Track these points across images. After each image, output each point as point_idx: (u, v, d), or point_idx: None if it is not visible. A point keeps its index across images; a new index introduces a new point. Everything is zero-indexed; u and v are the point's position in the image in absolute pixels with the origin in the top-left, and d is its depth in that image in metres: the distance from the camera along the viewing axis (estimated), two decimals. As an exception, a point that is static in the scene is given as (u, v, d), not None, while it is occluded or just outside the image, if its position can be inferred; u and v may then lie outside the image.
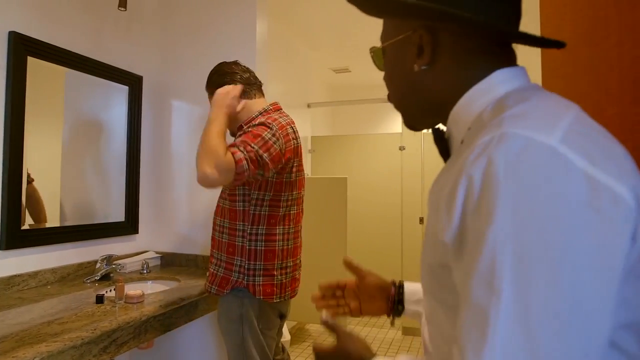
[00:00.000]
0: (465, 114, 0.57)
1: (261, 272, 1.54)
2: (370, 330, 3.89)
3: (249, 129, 1.48)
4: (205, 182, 1.35)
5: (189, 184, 2.32)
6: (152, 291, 1.75)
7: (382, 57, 0.68)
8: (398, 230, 3.92)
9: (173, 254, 2.30)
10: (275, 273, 1.56)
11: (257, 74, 2.22)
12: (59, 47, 1.84)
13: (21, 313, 1.41)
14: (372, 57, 0.71)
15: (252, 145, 1.41)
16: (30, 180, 1.75)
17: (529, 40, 0.57)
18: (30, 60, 1.73)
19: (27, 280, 1.72)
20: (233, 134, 1.67)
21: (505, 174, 0.42)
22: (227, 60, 2.18)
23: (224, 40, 2.26)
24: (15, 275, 1.68)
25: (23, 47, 1.70)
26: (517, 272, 0.40)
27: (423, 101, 0.63)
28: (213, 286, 1.59)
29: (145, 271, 2.06)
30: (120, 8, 1.92)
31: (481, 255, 0.42)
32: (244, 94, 1.62)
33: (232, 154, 1.36)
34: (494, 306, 0.40)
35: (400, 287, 0.87)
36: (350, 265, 0.92)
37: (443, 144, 0.63)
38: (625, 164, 0.45)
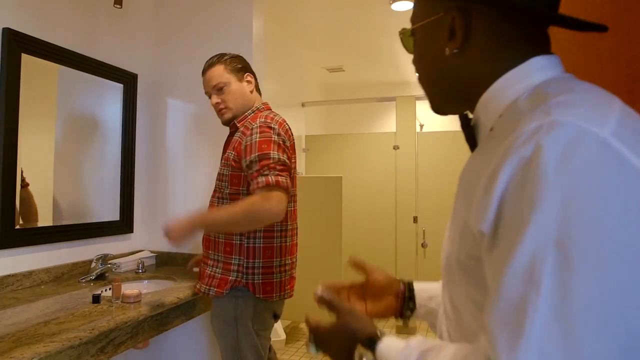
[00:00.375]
0: (497, 100, 0.55)
1: (260, 270, 1.54)
2: (365, 328, 3.90)
3: (253, 139, 1.48)
4: (279, 216, 1.40)
5: (184, 183, 2.32)
6: (148, 291, 1.75)
7: (412, 39, 0.66)
8: (392, 229, 3.94)
9: (168, 253, 2.29)
10: (274, 271, 1.56)
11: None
12: (53, 44, 1.83)
13: (17, 313, 1.40)
14: (401, 39, 0.68)
15: (271, 157, 1.44)
16: (24, 185, 1.73)
17: (569, 23, 0.55)
18: (24, 57, 1.72)
19: (21, 280, 1.71)
20: (230, 121, 1.65)
21: (556, 163, 0.40)
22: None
23: (219, 38, 2.26)
24: (9, 275, 1.67)
25: (17, 44, 1.68)
26: (560, 267, 0.39)
27: (453, 86, 0.61)
28: (212, 288, 1.56)
29: (140, 270, 2.06)
30: (116, 5, 1.91)
31: (522, 244, 0.40)
32: (256, 87, 1.69)
33: (265, 184, 1.39)
34: (533, 300, 0.39)
35: (409, 284, 0.81)
36: (355, 263, 0.85)
37: (469, 130, 0.60)
38: None
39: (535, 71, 0.54)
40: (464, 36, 0.57)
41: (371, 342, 0.58)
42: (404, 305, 0.79)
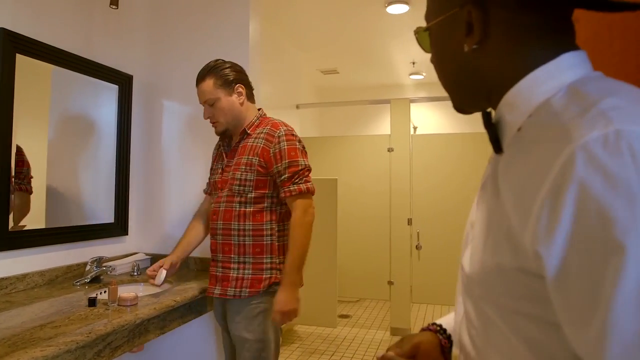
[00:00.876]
0: (525, 99, 0.52)
1: (282, 264, 1.66)
2: (359, 331, 3.90)
3: (281, 146, 1.63)
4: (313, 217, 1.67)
5: (179, 185, 2.30)
6: (144, 293, 1.72)
7: (428, 38, 0.63)
8: (386, 231, 3.95)
9: (163, 255, 2.26)
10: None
11: (249, 75, 2.23)
12: (48, 45, 1.80)
13: (12, 317, 1.38)
14: (417, 38, 0.65)
15: (300, 164, 1.64)
16: (28, 190, 1.72)
17: (598, 4, 0.52)
18: (18, 57, 1.69)
19: (15, 284, 1.68)
20: (223, 132, 1.74)
21: (639, 177, 0.38)
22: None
23: (216, 40, 2.25)
24: (3, 278, 1.63)
25: (11, 44, 1.66)
26: None
27: (474, 84, 0.58)
28: (243, 289, 1.62)
29: (135, 273, 2.03)
30: (112, 6, 1.89)
31: (625, 274, 0.37)
32: (248, 97, 1.75)
33: (299, 192, 1.62)
34: None
35: (444, 330, 0.76)
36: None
37: (493, 129, 0.56)
38: None
39: (566, 69, 0.51)
40: (483, 31, 0.54)
41: None
42: (449, 353, 0.76)
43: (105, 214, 2.13)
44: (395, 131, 3.98)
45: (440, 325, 0.76)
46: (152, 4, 2.38)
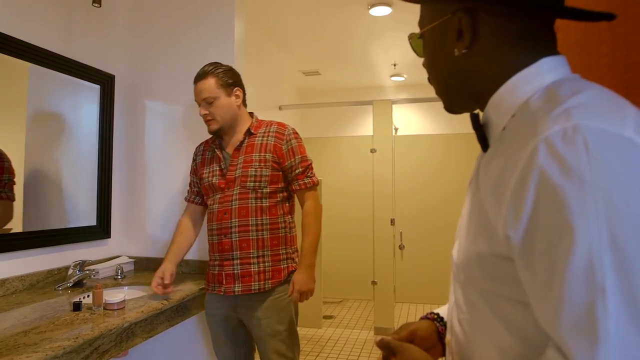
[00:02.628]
0: (508, 100, 0.56)
1: (296, 253, 1.80)
2: (343, 331, 3.91)
3: (292, 143, 1.76)
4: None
5: (163, 187, 2.27)
6: (129, 297, 1.69)
7: (421, 43, 0.67)
8: (370, 231, 3.98)
9: (147, 258, 2.24)
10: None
11: (235, 76, 2.21)
12: (25, 42, 1.75)
13: (-8, 323, 1.33)
14: (411, 43, 0.70)
15: (308, 159, 1.80)
16: (10, 198, 1.66)
17: (577, 14, 0.56)
18: (-4, 55, 1.64)
19: (-6, 289, 1.62)
20: (217, 131, 1.76)
21: (591, 167, 0.42)
22: (205, 60, 2.16)
23: (200, 40, 2.23)
24: (-19, 284, 1.58)
25: (-11, 42, 1.61)
26: (621, 266, 0.39)
27: (463, 86, 0.63)
28: (266, 282, 1.68)
29: (119, 277, 2.00)
30: (94, 4, 1.85)
31: (574, 250, 0.41)
32: (243, 101, 1.82)
33: (312, 184, 1.77)
34: (600, 304, 0.39)
35: (442, 319, 0.78)
36: (391, 343, 0.76)
37: (480, 130, 0.61)
38: None
39: (546, 72, 0.55)
40: (472, 36, 0.59)
41: None
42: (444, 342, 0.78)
43: (87, 217, 2.08)
44: (378, 132, 4.01)
45: (438, 314, 0.80)
46: (135, 3, 2.34)
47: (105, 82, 2.16)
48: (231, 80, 1.75)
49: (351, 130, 5.60)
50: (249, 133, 1.76)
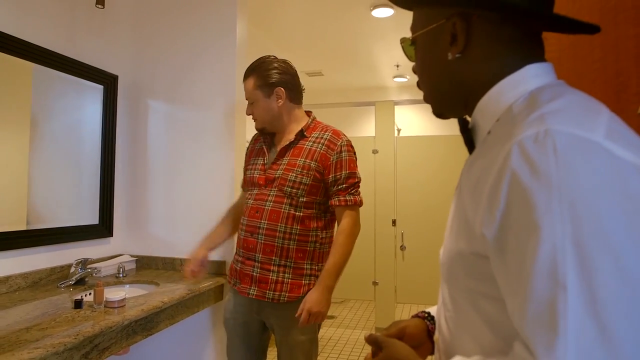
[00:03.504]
0: (494, 105, 0.58)
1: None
2: (344, 331, 3.93)
3: (342, 156, 1.65)
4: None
5: (165, 186, 2.29)
6: (131, 295, 1.71)
7: (413, 47, 0.69)
8: (371, 232, 3.98)
9: (149, 257, 2.26)
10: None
11: (236, 75, 2.23)
12: (30, 42, 1.77)
13: (-5, 320, 1.36)
14: (403, 47, 0.71)
15: (357, 176, 1.68)
16: None
17: (563, 26, 0.59)
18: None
19: (-3, 286, 1.65)
20: (261, 130, 1.75)
21: (557, 169, 0.44)
22: (207, 61, 2.18)
23: (203, 40, 2.24)
24: (-15, 281, 1.61)
25: (-5, 42, 1.63)
26: (582, 264, 0.41)
27: (454, 90, 0.64)
28: (283, 293, 1.61)
29: (121, 275, 2.01)
30: (98, 5, 1.87)
31: (540, 248, 0.43)
32: (291, 99, 1.73)
33: (354, 203, 1.64)
34: (561, 299, 0.41)
35: (432, 318, 0.80)
36: (379, 338, 0.76)
37: (468, 134, 0.63)
38: None
39: (530, 78, 0.57)
40: (466, 40, 0.60)
41: None
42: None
43: (90, 216, 2.11)
44: (380, 133, 4.02)
45: (429, 312, 0.81)
46: (137, 4, 2.36)
47: (108, 82, 2.18)
48: (272, 79, 1.67)
49: (354, 131, 5.61)
50: (301, 134, 1.69)
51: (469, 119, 0.65)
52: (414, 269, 4.17)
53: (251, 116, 1.76)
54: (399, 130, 5.16)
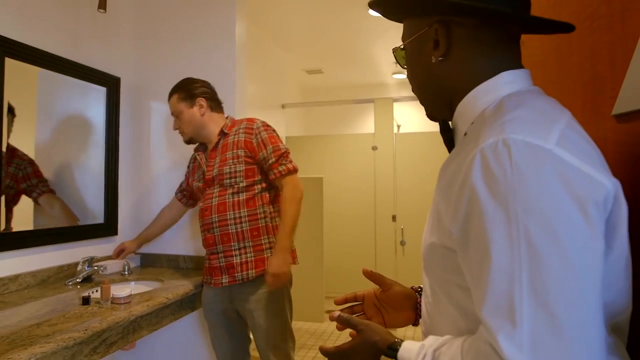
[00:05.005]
0: (470, 108, 0.63)
1: None
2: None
3: (262, 136, 1.79)
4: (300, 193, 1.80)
5: (167, 186, 2.33)
6: (136, 292, 1.76)
7: (403, 55, 0.74)
8: (372, 227, 4.03)
9: (153, 254, 2.31)
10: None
11: (236, 76, 2.28)
12: (36, 48, 1.82)
13: (7, 316, 1.41)
14: (395, 56, 0.77)
15: (281, 147, 1.79)
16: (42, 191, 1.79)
17: (541, 25, 0.63)
18: (6, 61, 1.70)
19: (7, 284, 1.70)
20: (189, 141, 1.93)
21: (512, 177, 0.48)
22: (208, 62, 2.23)
23: (202, 42, 2.29)
24: (-5, 279, 1.66)
25: (1, 48, 1.67)
26: (533, 261, 0.47)
27: (439, 92, 0.69)
28: (250, 271, 1.74)
29: (126, 272, 2.07)
30: (100, 10, 1.91)
31: (498, 248, 0.48)
32: (211, 108, 1.91)
33: (287, 171, 1.76)
34: (517, 291, 0.46)
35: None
36: (372, 276, 0.87)
37: (448, 134, 0.68)
38: (605, 164, 0.54)
39: (503, 85, 0.62)
40: (446, 45, 0.65)
41: (392, 350, 0.64)
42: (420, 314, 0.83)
43: (95, 215, 2.16)
44: (379, 130, 4.06)
45: (422, 288, 0.84)
46: (139, 7, 2.40)
47: (111, 85, 2.23)
48: (193, 91, 1.87)
49: (353, 128, 5.64)
50: (222, 134, 1.86)
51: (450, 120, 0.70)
52: (414, 264, 4.22)
53: (177, 131, 1.92)
54: (398, 127, 5.20)
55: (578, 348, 0.45)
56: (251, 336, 1.88)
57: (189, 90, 1.88)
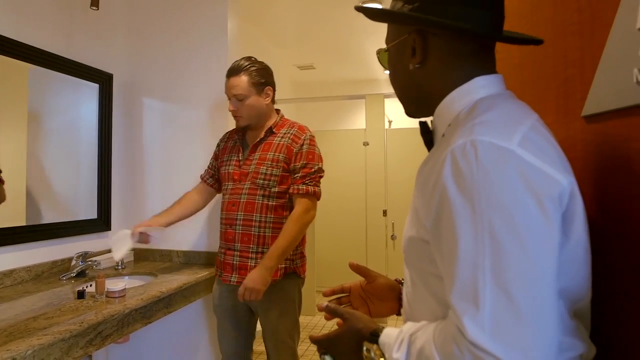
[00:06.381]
0: (447, 111, 0.68)
1: (300, 254, 1.84)
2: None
3: (303, 148, 1.77)
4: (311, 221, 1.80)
5: (160, 181, 2.36)
6: (130, 286, 1.79)
7: (387, 57, 0.78)
8: (363, 222, 4.08)
9: (146, 249, 2.34)
10: (305, 253, 1.89)
11: (226, 70, 2.29)
12: (26, 44, 1.83)
13: (3, 310, 1.44)
14: (379, 57, 0.81)
15: (314, 167, 1.77)
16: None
17: (511, 40, 0.68)
18: (-1, 58, 1.72)
19: (2, 279, 1.72)
20: (244, 127, 1.83)
21: (478, 174, 0.53)
22: (200, 58, 2.25)
23: (195, 38, 2.31)
24: (-10, 274, 1.68)
25: (-7, 45, 1.69)
26: (495, 251, 0.52)
27: (418, 96, 0.74)
28: None
29: (120, 267, 2.10)
30: (92, 7, 1.93)
31: (464, 239, 0.54)
32: (272, 99, 1.86)
33: (305, 192, 1.73)
34: (481, 279, 0.52)
35: None
36: (358, 269, 0.93)
37: (428, 135, 0.73)
38: (564, 163, 0.59)
39: (477, 89, 0.66)
40: (422, 53, 0.69)
41: (374, 336, 0.68)
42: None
43: (89, 210, 2.18)
44: (371, 125, 4.10)
45: None
46: (131, 4, 2.42)
47: (104, 81, 2.24)
48: (264, 79, 1.79)
49: (345, 124, 5.68)
50: (270, 131, 1.82)
51: (429, 122, 0.75)
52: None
53: (234, 114, 1.81)
54: (390, 122, 5.24)
55: (534, 327, 0.50)
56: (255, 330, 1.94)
57: (262, 76, 1.79)
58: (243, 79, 1.76)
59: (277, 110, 1.91)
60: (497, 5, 0.68)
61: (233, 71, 1.79)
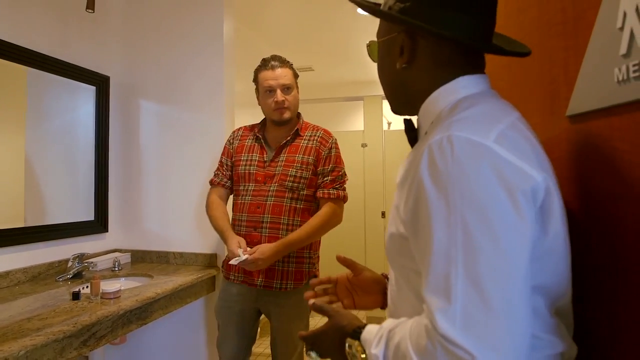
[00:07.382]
0: (431, 109, 0.69)
1: (317, 257, 1.86)
2: (336, 320, 4.03)
3: (332, 152, 1.79)
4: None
5: (157, 183, 2.37)
6: (126, 287, 1.80)
7: (376, 51, 0.79)
8: (361, 223, 4.08)
9: (143, 251, 2.34)
10: (320, 256, 1.86)
11: (224, 74, 2.31)
12: (24, 47, 1.84)
13: (-2, 311, 1.44)
14: (368, 50, 0.82)
15: (342, 171, 1.81)
16: None
17: (496, 51, 0.69)
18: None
19: (-2, 280, 1.73)
20: (286, 122, 1.81)
21: (453, 169, 0.54)
22: (196, 60, 2.26)
23: (191, 40, 2.32)
24: (-14, 276, 1.69)
25: (-10, 48, 1.70)
26: (468, 245, 0.52)
27: (404, 94, 0.75)
28: (289, 282, 1.73)
29: (116, 269, 2.10)
30: (88, 10, 1.94)
31: (438, 233, 0.54)
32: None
33: (336, 196, 1.75)
34: (453, 273, 0.52)
35: None
36: (345, 262, 0.95)
37: (412, 133, 0.74)
38: (540, 160, 0.59)
39: (460, 88, 0.67)
40: (410, 54, 0.70)
41: (356, 333, 0.69)
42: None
43: (85, 212, 2.19)
44: (369, 127, 4.10)
45: None
46: (127, 7, 2.43)
47: (101, 83, 2.25)
48: (297, 76, 1.85)
49: (343, 126, 5.68)
50: (296, 133, 1.81)
51: (414, 120, 0.76)
52: (403, 259, 4.29)
53: (283, 104, 1.76)
54: (389, 124, 5.24)
55: (505, 321, 0.50)
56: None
57: (295, 74, 1.84)
58: (289, 71, 1.80)
59: (298, 114, 1.90)
60: (486, 12, 0.68)
61: (280, 62, 1.79)
